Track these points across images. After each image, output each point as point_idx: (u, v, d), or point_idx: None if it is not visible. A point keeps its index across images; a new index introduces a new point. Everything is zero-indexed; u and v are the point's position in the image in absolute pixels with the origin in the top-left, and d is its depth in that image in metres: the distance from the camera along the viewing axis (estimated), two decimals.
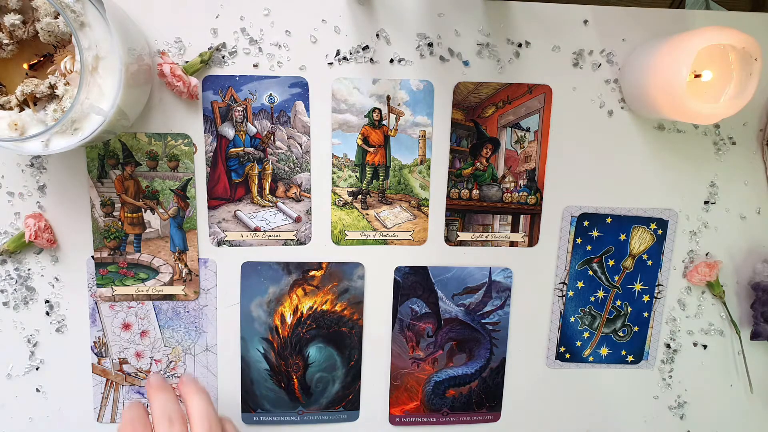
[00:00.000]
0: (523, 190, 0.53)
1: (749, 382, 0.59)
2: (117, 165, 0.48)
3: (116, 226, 0.49)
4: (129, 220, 0.49)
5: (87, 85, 0.40)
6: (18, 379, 0.53)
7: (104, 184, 0.49)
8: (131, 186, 0.49)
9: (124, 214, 0.49)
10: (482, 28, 0.50)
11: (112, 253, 0.50)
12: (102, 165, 0.48)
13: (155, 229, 0.50)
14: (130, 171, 0.49)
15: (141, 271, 0.51)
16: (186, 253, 0.50)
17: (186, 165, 0.49)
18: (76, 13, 0.40)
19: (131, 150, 0.48)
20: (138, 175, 0.49)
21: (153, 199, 0.49)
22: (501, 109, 0.52)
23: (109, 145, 0.47)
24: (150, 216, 0.50)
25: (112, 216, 0.49)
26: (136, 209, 0.49)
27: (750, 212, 0.56)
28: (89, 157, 0.48)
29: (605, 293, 0.56)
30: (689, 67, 0.43)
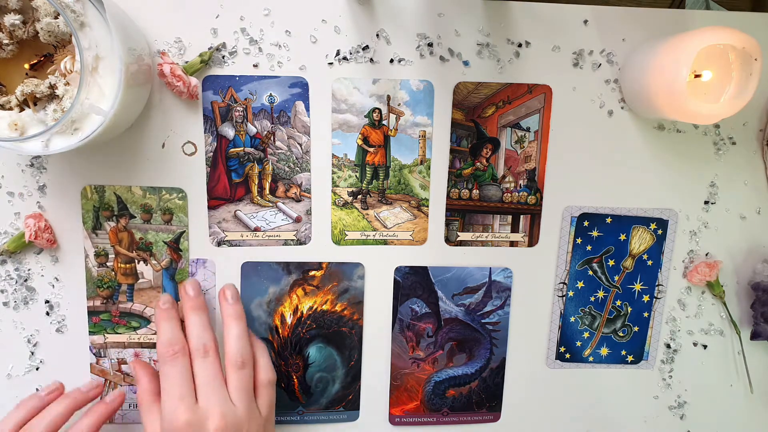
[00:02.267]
0: (523, 190, 0.53)
1: (749, 383, 0.59)
2: (111, 217, 0.49)
3: (109, 276, 0.50)
4: (122, 271, 0.50)
5: (87, 85, 0.40)
6: (18, 379, 0.53)
7: (98, 235, 0.50)
8: (125, 237, 0.50)
9: (118, 264, 0.50)
10: (482, 28, 0.50)
11: (105, 302, 0.51)
12: (97, 216, 0.49)
13: (148, 279, 0.51)
14: (124, 223, 0.49)
15: (133, 319, 0.51)
16: (179, 303, 0.50)
17: (179, 218, 0.50)
18: (76, 13, 0.40)
19: (126, 203, 0.49)
20: (132, 227, 0.50)
21: (146, 250, 0.50)
22: (501, 109, 0.52)
23: (104, 197, 0.49)
24: (143, 267, 0.51)
25: (105, 266, 0.50)
26: (129, 260, 0.50)
27: (750, 212, 0.56)
28: (84, 208, 0.49)
29: (605, 293, 0.56)
30: (689, 67, 0.43)
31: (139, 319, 0.51)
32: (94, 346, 0.52)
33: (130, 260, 0.50)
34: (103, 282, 0.50)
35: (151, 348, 0.52)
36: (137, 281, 0.51)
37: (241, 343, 0.46)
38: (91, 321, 0.51)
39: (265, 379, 0.47)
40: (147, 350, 0.52)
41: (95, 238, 0.49)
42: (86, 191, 0.48)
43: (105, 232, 0.50)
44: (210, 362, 0.45)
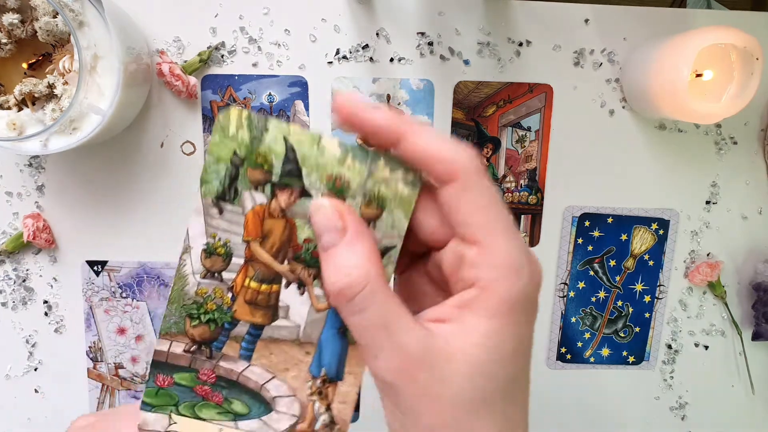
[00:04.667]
0: (524, 190, 0.53)
1: (751, 383, 0.59)
2: (264, 183, 0.24)
3: (220, 298, 0.25)
4: (251, 295, 0.25)
5: (85, 84, 0.40)
6: (17, 380, 0.53)
7: (224, 212, 0.25)
8: (277, 230, 0.25)
9: (246, 280, 0.25)
10: (483, 26, 0.50)
11: (193, 350, 0.25)
12: (234, 174, 0.24)
13: (294, 324, 0.25)
14: (286, 201, 0.24)
15: (238, 397, 0.25)
16: (336, 386, 0.26)
17: (394, 220, 0.24)
18: (75, 12, 0.40)
19: (302, 162, 0.24)
20: (299, 213, 0.25)
21: (313, 266, 0.25)
22: (502, 109, 0.52)
23: (263, 140, 0.23)
24: (292, 296, 0.25)
25: (216, 277, 0.25)
26: (270, 277, 0.25)
27: (751, 212, 0.56)
28: (213, 153, 0.24)
29: (606, 294, 0.56)
30: (690, 66, 0.43)
31: (250, 400, 0.25)
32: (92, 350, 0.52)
33: (273, 278, 0.25)
34: (205, 309, 0.25)
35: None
36: (272, 322, 0.25)
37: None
38: (154, 382, 0.25)
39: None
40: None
41: (215, 216, 0.24)
42: (228, 117, 0.23)
43: (240, 210, 0.24)
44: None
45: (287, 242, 0.25)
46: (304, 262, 0.25)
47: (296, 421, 0.25)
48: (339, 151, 0.24)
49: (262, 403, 0.25)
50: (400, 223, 0.24)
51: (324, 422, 0.25)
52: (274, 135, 0.24)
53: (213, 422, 0.25)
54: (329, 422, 0.25)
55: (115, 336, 0.52)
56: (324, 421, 0.25)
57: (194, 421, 0.25)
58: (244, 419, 0.25)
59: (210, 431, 0.25)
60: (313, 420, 0.25)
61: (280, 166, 0.24)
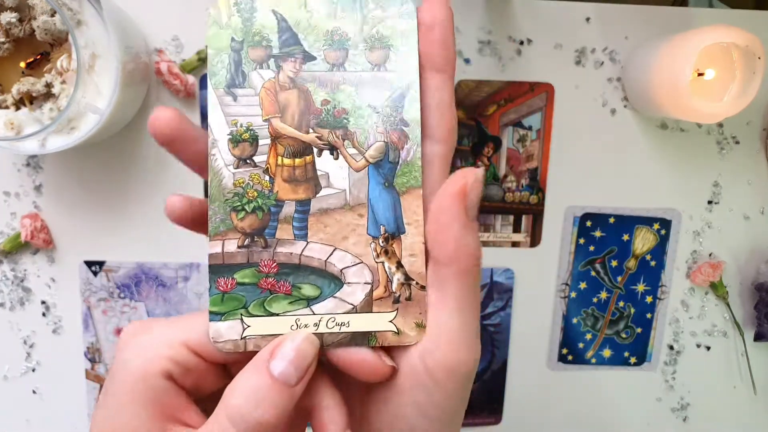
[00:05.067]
0: (525, 190, 0.53)
1: (753, 384, 0.58)
2: (267, 59, 0.24)
3: (258, 183, 0.24)
4: (287, 172, 0.24)
5: (83, 83, 0.40)
6: (15, 381, 0.52)
7: (238, 98, 0.24)
8: (292, 100, 0.24)
9: (276, 159, 0.24)
10: (483, 25, 0.50)
11: (247, 243, 0.24)
12: (237, 59, 0.24)
13: (338, 189, 0.25)
14: (293, 69, 0.24)
15: (305, 280, 0.24)
16: (400, 241, 0.24)
17: (404, 56, 0.24)
18: (73, 11, 0.40)
19: (295, 28, 0.24)
20: (307, 80, 0.24)
21: (338, 126, 0.24)
22: (503, 108, 0.51)
23: (254, 19, 0.24)
24: (328, 163, 0.24)
25: (248, 163, 0.24)
26: (301, 150, 0.24)
27: (754, 212, 0.55)
28: (213, 45, 0.24)
29: (608, 294, 0.55)
30: (692, 65, 0.43)
31: (319, 279, 0.24)
32: (90, 351, 0.52)
33: (303, 150, 0.24)
34: (247, 198, 0.24)
35: (342, 347, 0.24)
36: (315, 195, 0.24)
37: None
38: (215, 287, 0.24)
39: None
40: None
41: (232, 104, 0.24)
42: (217, 9, 0.24)
43: (252, 91, 0.24)
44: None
45: (306, 110, 0.24)
46: (328, 125, 0.24)
47: (371, 288, 0.24)
48: (327, 6, 0.24)
49: (331, 279, 0.24)
50: (409, 58, 0.24)
51: (399, 281, 0.24)
52: (263, 11, 0.24)
53: (287, 315, 0.23)
54: (404, 280, 0.24)
55: (113, 337, 0.52)
56: (399, 280, 0.24)
57: (268, 319, 0.23)
58: (317, 302, 0.24)
59: (286, 325, 0.23)
60: (388, 281, 0.24)
61: (276, 38, 0.24)
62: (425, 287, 0.24)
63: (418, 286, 0.24)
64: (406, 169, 0.24)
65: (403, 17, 0.24)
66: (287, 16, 0.24)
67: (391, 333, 0.23)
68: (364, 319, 0.23)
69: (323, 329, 0.23)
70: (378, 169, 0.24)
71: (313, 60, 0.24)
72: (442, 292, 0.23)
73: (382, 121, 0.24)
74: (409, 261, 0.24)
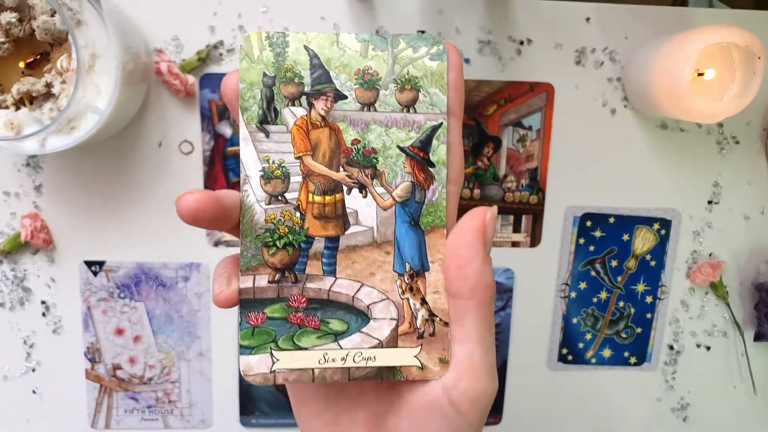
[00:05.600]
0: (525, 190, 0.53)
1: (753, 384, 0.58)
2: (299, 96, 0.24)
3: (290, 220, 0.25)
4: (318, 209, 0.25)
5: (83, 83, 0.40)
6: (14, 381, 0.52)
7: (271, 135, 0.25)
8: (323, 139, 0.25)
9: (309, 196, 0.25)
10: (483, 25, 0.50)
11: (278, 278, 0.25)
12: (269, 95, 0.24)
13: (366, 227, 0.25)
14: (325, 107, 0.25)
15: (333, 315, 0.25)
16: (425, 278, 0.25)
17: (432, 98, 0.25)
18: (73, 11, 0.40)
19: (327, 65, 0.24)
20: (338, 118, 0.25)
21: (367, 166, 0.25)
22: (502, 108, 0.51)
23: (286, 55, 0.24)
24: (357, 201, 0.25)
25: (280, 200, 0.25)
26: (331, 187, 0.25)
27: (754, 212, 0.55)
28: (245, 80, 0.24)
29: (608, 294, 0.55)
30: (692, 65, 0.43)
31: (346, 314, 0.25)
32: (90, 351, 0.52)
33: (333, 187, 0.25)
34: (278, 234, 0.25)
35: (371, 379, 0.25)
36: (345, 231, 0.25)
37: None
38: (246, 322, 0.24)
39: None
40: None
41: (264, 140, 0.24)
42: (249, 42, 0.24)
43: (284, 128, 0.24)
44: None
45: (336, 148, 0.25)
46: (358, 165, 0.25)
47: (396, 324, 0.25)
48: (358, 45, 0.24)
49: (358, 314, 0.25)
50: (438, 100, 0.24)
51: (424, 317, 0.25)
52: (295, 46, 0.24)
53: (316, 349, 0.24)
54: (428, 316, 0.25)
55: (113, 337, 0.52)
56: (423, 316, 0.25)
57: (296, 353, 0.24)
58: (344, 337, 0.24)
59: (314, 359, 0.24)
60: (412, 317, 0.25)
61: (308, 75, 0.24)
62: (448, 323, 0.24)
63: (442, 323, 0.24)
64: (432, 208, 0.25)
65: (434, 58, 0.24)
66: (319, 53, 0.24)
67: (416, 368, 0.24)
68: (389, 354, 0.24)
69: (350, 363, 0.24)
70: (405, 208, 0.25)
71: (344, 99, 0.24)
72: (462, 325, 0.24)
73: (410, 161, 0.25)
74: (433, 298, 0.25)
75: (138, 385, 0.53)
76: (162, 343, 0.52)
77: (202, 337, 0.53)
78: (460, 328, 0.24)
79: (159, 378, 0.53)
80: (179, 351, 0.53)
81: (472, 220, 0.24)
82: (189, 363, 0.53)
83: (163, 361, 0.53)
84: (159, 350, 0.53)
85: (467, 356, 0.23)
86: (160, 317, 0.52)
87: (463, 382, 0.23)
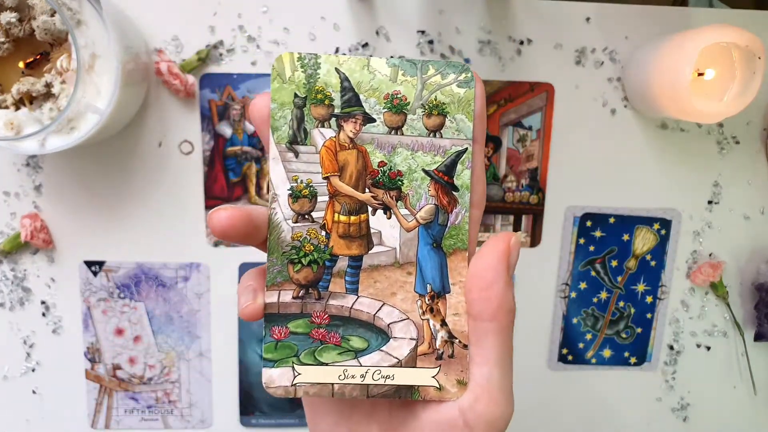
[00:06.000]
0: (526, 190, 0.53)
1: (753, 384, 0.58)
2: (329, 118, 0.25)
3: (315, 238, 0.25)
4: (343, 229, 0.26)
5: (83, 83, 0.40)
6: (14, 381, 0.52)
7: (300, 155, 0.25)
8: (351, 160, 0.26)
9: (335, 215, 0.26)
10: (483, 25, 0.50)
11: (302, 294, 0.25)
12: (300, 116, 0.25)
13: (390, 247, 0.26)
14: (353, 130, 0.25)
15: (354, 332, 0.26)
16: (445, 300, 0.25)
17: (458, 124, 0.25)
18: (73, 11, 0.40)
19: (357, 89, 0.25)
20: (366, 141, 0.26)
21: (393, 188, 0.26)
22: (503, 108, 0.51)
23: (317, 76, 0.25)
24: (381, 221, 0.26)
25: (306, 218, 0.26)
26: (357, 208, 0.26)
27: (754, 212, 0.55)
28: (277, 100, 0.25)
29: (608, 294, 0.55)
30: (692, 65, 0.43)
31: (368, 333, 0.26)
32: (90, 351, 0.52)
33: (359, 208, 0.26)
34: (304, 252, 0.25)
35: (388, 398, 0.25)
36: (368, 251, 0.26)
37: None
38: (270, 336, 0.25)
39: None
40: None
41: (293, 160, 0.25)
42: (281, 62, 0.25)
43: (313, 149, 0.25)
44: None
45: (363, 170, 0.25)
46: (383, 187, 0.25)
47: (416, 344, 0.25)
48: (389, 69, 0.25)
49: (378, 333, 0.25)
50: (464, 126, 0.25)
51: (443, 338, 0.25)
52: (326, 68, 0.25)
53: (336, 365, 0.25)
54: (448, 337, 0.25)
55: (113, 337, 0.52)
56: (443, 337, 0.25)
57: (317, 368, 0.25)
58: (364, 354, 0.25)
59: (334, 374, 0.25)
60: (432, 338, 0.25)
61: (339, 97, 0.25)
62: (467, 346, 0.25)
63: (461, 345, 0.25)
64: (454, 231, 0.25)
65: (462, 85, 0.25)
66: (350, 76, 0.25)
67: (434, 388, 0.25)
68: (408, 374, 0.25)
69: (369, 381, 0.24)
70: (428, 230, 0.26)
71: (372, 122, 0.25)
72: (481, 347, 0.24)
73: (434, 185, 0.25)
74: (453, 320, 0.25)
75: (138, 385, 0.53)
76: (162, 343, 0.52)
77: (202, 337, 0.53)
78: (479, 351, 0.24)
79: (159, 378, 0.53)
80: (179, 351, 0.53)
81: (497, 244, 0.24)
82: (189, 363, 0.53)
83: (163, 361, 0.53)
84: (159, 350, 0.53)
85: (485, 378, 0.24)
86: (160, 317, 0.52)
87: (480, 404, 0.23)
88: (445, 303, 0.25)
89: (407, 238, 0.26)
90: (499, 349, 0.24)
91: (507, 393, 0.24)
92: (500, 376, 0.24)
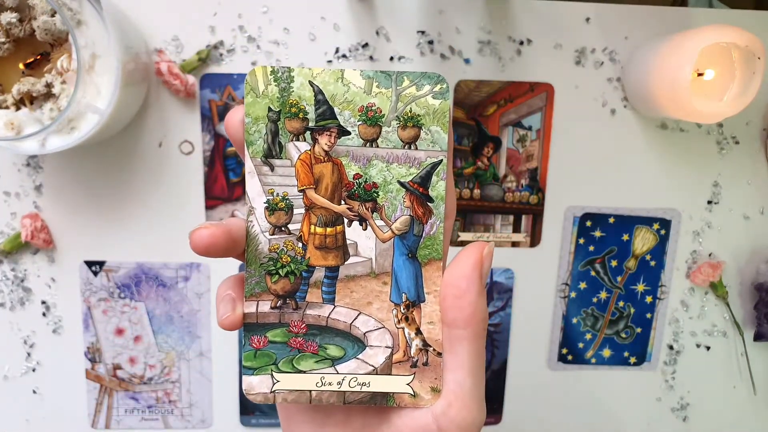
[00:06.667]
0: (525, 190, 0.53)
1: (752, 384, 0.58)
2: (303, 131, 0.25)
3: (292, 249, 0.26)
4: (319, 240, 0.26)
5: (83, 83, 0.40)
6: (15, 381, 0.52)
7: (276, 168, 0.26)
8: (326, 173, 0.26)
9: (311, 227, 0.26)
10: (483, 25, 0.50)
11: (280, 305, 0.26)
12: (274, 130, 0.25)
13: (365, 258, 0.27)
14: (328, 143, 0.26)
15: (331, 341, 0.26)
16: (420, 309, 0.26)
17: (433, 135, 0.26)
18: (73, 11, 0.40)
19: (331, 101, 0.25)
20: (341, 153, 0.26)
21: (368, 199, 0.26)
22: (502, 108, 0.51)
23: (291, 90, 0.25)
24: (357, 233, 0.26)
25: (283, 231, 0.26)
26: (332, 219, 0.26)
27: (753, 212, 0.55)
28: (251, 114, 0.25)
29: (608, 294, 0.55)
30: (692, 65, 0.43)
31: (343, 341, 0.26)
32: (90, 351, 0.52)
33: (335, 220, 0.26)
34: (281, 263, 0.26)
35: (364, 404, 0.26)
36: (344, 262, 0.26)
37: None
38: (249, 345, 0.26)
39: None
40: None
41: (269, 174, 0.25)
42: (254, 76, 0.25)
43: (288, 162, 0.25)
44: None
45: (339, 182, 0.26)
46: (359, 198, 0.26)
47: (391, 352, 0.26)
48: (363, 81, 0.25)
49: (354, 341, 0.26)
50: (439, 138, 0.25)
51: (418, 346, 0.26)
52: (300, 81, 0.25)
53: (314, 373, 0.25)
54: (423, 346, 0.26)
55: (113, 337, 0.52)
56: (418, 346, 0.26)
57: (295, 376, 0.25)
58: (341, 362, 0.26)
59: (312, 382, 0.25)
60: (407, 346, 0.26)
61: (313, 110, 0.25)
62: (441, 354, 0.25)
63: (435, 353, 0.25)
64: (429, 242, 0.26)
65: (437, 97, 0.25)
66: (324, 89, 0.25)
67: (408, 395, 0.25)
68: (383, 381, 0.25)
69: (346, 388, 0.25)
70: (403, 240, 0.26)
71: (347, 135, 0.25)
72: (454, 354, 0.24)
73: (410, 196, 0.26)
74: (428, 328, 0.25)
75: (138, 385, 0.53)
76: (162, 343, 0.52)
77: (202, 337, 0.53)
78: (452, 357, 0.24)
79: (159, 378, 0.53)
80: (179, 351, 0.53)
81: (471, 254, 0.24)
82: (189, 363, 0.53)
83: (163, 361, 0.53)
84: (159, 350, 0.53)
85: (458, 385, 0.24)
86: (160, 317, 0.52)
87: (452, 410, 0.24)
88: (420, 312, 0.26)
89: (383, 248, 0.26)
90: (472, 356, 0.24)
91: (479, 399, 0.24)
92: (472, 383, 0.24)
